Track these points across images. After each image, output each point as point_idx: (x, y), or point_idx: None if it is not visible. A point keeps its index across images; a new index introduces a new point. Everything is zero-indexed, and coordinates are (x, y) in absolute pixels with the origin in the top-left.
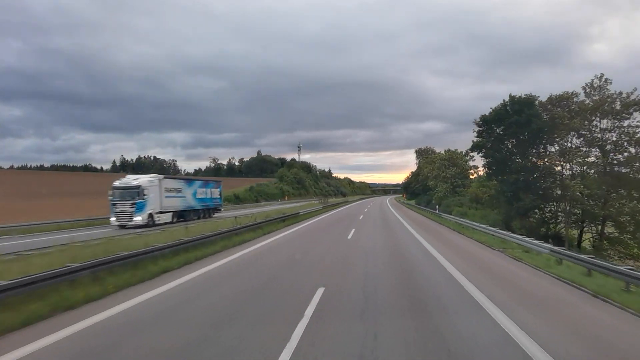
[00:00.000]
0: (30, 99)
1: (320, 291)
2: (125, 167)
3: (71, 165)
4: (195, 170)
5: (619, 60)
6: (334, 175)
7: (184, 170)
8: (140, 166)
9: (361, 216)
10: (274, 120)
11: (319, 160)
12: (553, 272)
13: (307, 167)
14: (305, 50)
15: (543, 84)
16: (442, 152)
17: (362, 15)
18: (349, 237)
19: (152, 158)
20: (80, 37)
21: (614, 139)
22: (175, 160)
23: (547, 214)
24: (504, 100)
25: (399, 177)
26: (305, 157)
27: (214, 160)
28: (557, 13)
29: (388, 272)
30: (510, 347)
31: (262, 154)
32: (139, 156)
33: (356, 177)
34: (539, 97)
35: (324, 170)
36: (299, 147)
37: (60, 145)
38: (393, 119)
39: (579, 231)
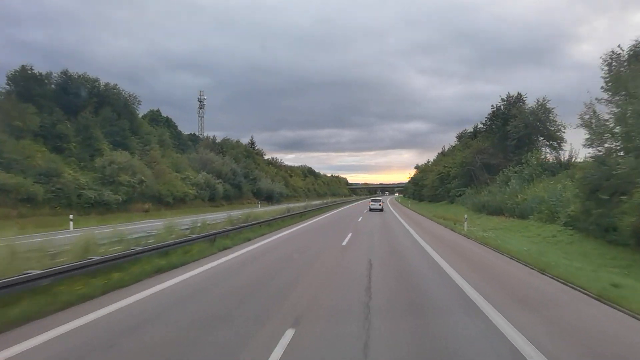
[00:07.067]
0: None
1: None
2: None
3: None
4: None
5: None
6: (267, 158)
7: None
8: None
9: None
10: (257, 118)
11: (303, 159)
12: None
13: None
14: (291, 45)
15: (529, 84)
16: None
17: (351, 10)
18: None
19: None
20: (55, 29)
21: None
22: None
23: None
24: None
25: (382, 178)
26: (290, 156)
27: None
28: (546, 11)
29: None
30: None
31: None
32: None
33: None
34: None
35: (247, 145)
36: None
37: None
38: (378, 118)
39: None
